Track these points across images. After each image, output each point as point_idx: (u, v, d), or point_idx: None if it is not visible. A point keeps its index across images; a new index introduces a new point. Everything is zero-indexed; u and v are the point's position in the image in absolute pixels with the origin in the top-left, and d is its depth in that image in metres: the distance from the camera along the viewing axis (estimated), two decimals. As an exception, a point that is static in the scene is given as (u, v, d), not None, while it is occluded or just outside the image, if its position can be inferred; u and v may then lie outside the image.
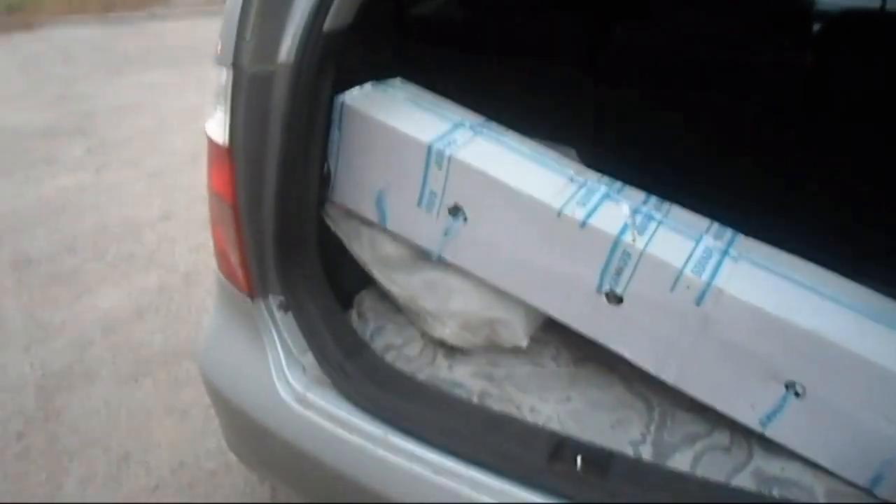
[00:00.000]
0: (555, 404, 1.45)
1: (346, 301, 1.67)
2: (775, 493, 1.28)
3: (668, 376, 1.37)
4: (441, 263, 1.53)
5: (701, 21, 1.72)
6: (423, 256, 1.55)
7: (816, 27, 1.80)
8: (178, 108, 5.18)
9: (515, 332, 1.51)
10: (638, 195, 1.46)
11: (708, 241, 1.34)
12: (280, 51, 1.27)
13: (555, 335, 1.58)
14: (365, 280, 1.64)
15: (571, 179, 1.41)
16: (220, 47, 1.30)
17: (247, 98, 1.28)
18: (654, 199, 1.46)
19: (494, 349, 1.56)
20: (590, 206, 1.35)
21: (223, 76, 1.30)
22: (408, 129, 1.45)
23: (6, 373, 2.61)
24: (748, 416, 1.33)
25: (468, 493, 1.16)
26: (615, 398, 1.48)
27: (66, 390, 2.49)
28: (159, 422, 2.34)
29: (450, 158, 1.40)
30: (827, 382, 1.23)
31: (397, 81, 1.65)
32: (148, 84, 5.91)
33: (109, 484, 2.13)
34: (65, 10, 8.58)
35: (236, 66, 1.26)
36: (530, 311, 1.50)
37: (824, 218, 1.57)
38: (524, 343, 1.53)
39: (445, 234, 1.47)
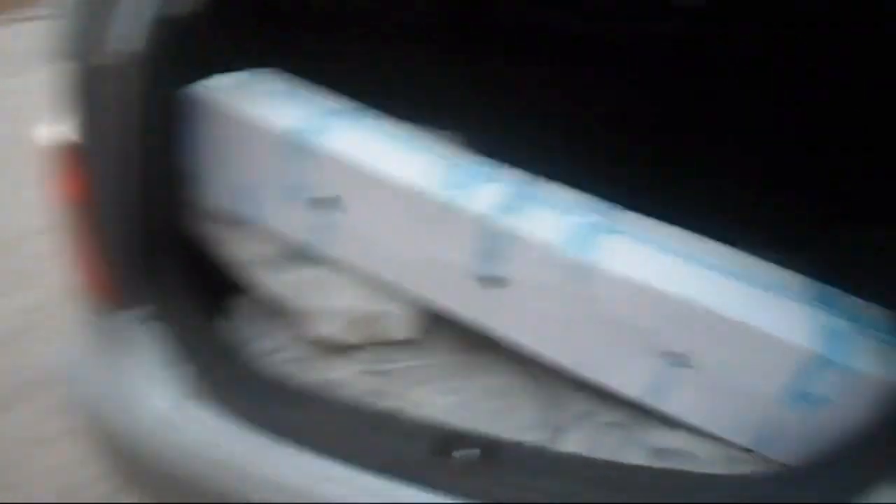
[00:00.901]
0: (444, 395, 1.41)
1: (218, 307, 1.58)
2: (668, 464, 1.28)
3: (554, 357, 1.35)
4: (318, 259, 1.46)
5: None
6: (298, 253, 1.48)
7: None
8: (36, 114, 4.86)
9: (401, 324, 1.46)
10: (515, 174, 1.43)
11: (585, 216, 1.33)
12: (122, 41, 1.17)
13: (446, 323, 1.53)
14: (239, 283, 1.55)
15: (444, 163, 1.37)
16: (58, 43, 1.19)
17: (90, 95, 1.18)
18: (530, 177, 1.43)
19: (383, 344, 1.51)
20: (464, 188, 1.31)
21: (66, 72, 1.19)
22: (270, 120, 1.37)
23: None
24: (636, 390, 1.32)
25: (355, 496, 1.12)
26: (507, 383, 1.45)
27: (-69, 426, 2.29)
28: (39, 450, 2.19)
29: (315, 148, 1.33)
30: (706, 350, 1.23)
31: (265, 72, 1.56)
32: (5, 89, 5.52)
33: (-16, 523, 1.97)
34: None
35: (79, 60, 1.16)
36: (415, 301, 1.45)
37: (699, 186, 1.59)
38: (412, 335, 1.48)
39: (318, 227, 1.40)
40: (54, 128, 1.24)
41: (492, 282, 1.32)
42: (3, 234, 3.39)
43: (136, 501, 1.51)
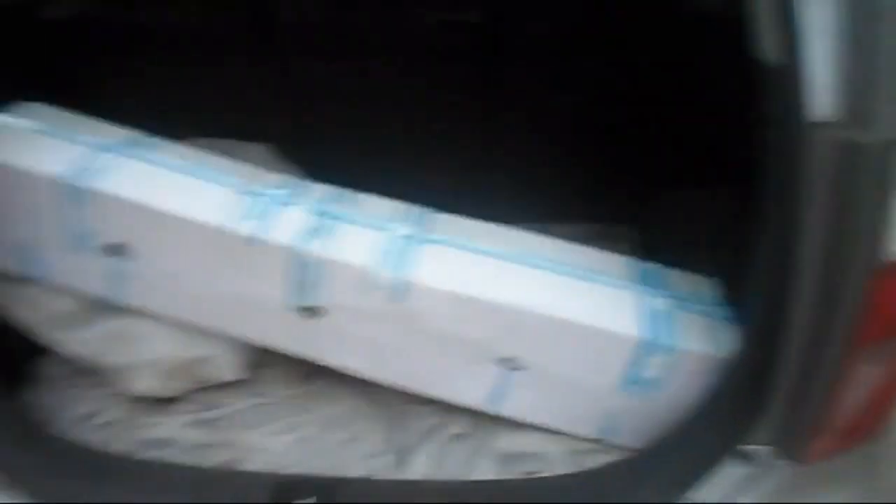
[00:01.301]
0: (282, 435, 1.32)
1: (18, 374, 1.40)
2: (519, 468, 1.25)
3: (389, 378, 1.29)
4: (122, 310, 1.32)
5: None
6: (99, 306, 1.33)
7: None
8: None
9: (224, 366, 1.35)
10: (320, 192, 1.33)
11: (394, 230, 1.25)
12: None
13: (278, 357, 1.43)
14: (37, 345, 1.38)
15: (239, 191, 1.25)
16: None
17: None
18: (337, 193, 1.34)
19: (209, 389, 1.39)
20: (262, 218, 1.20)
21: None
22: (41, 164, 1.21)
23: None
24: (476, 400, 1.28)
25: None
26: (348, 410, 1.37)
27: None
28: None
29: (88, 191, 1.18)
30: (538, 351, 1.21)
31: (30, 107, 1.38)
32: None
33: None
34: None
35: None
36: (237, 340, 1.34)
37: (519, 172, 1.56)
38: (239, 375, 1.37)
39: (112, 276, 1.26)
40: None
41: (311, 311, 1.22)
42: None
43: None
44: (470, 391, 1.27)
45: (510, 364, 1.22)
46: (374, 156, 1.44)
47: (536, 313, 1.16)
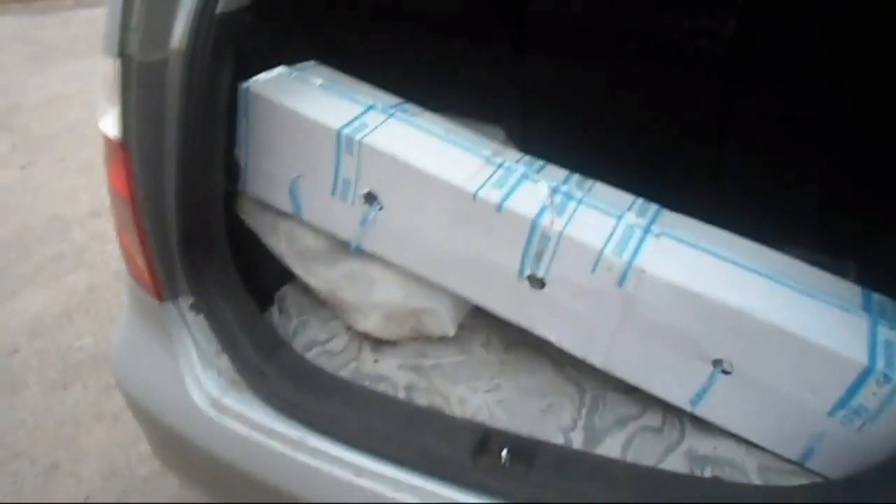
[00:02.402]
0: (484, 393, 1.41)
1: (267, 297, 1.60)
2: (708, 472, 1.26)
3: (596, 359, 1.34)
4: (361, 254, 1.47)
5: None
6: (342, 247, 1.48)
7: None
8: (109, 99, 4.95)
9: (442, 320, 1.47)
10: (559, 174, 1.42)
11: (630, 218, 1.31)
12: (171, 37, 1.18)
13: (484, 321, 1.53)
14: (287, 274, 1.57)
15: (488, 161, 1.36)
16: (106, 37, 1.21)
17: (138, 89, 1.19)
18: (576, 177, 1.42)
19: (423, 339, 1.52)
20: (506, 188, 1.30)
21: (111, 67, 1.21)
22: (317, 114, 1.37)
23: (-74, 387, 2.48)
24: (678, 396, 1.30)
25: (390, 494, 1.12)
26: (546, 383, 1.44)
27: (-12, 402, 2.38)
28: (89, 429, 2.25)
29: (360, 143, 1.33)
30: (754, 358, 1.21)
31: (310, 65, 1.57)
32: (77, 75, 5.65)
33: (38, 496, 2.04)
34: (-14, -1, 8.21)
35: (124, 55, 1.18)
36: (456, 298, 1.45)
37: (750, 188, 1.55)
38: (451, 332, 1.48)
39: (362, 222, 1.41)
40: (104, 121, 1.26)
41: (538, 282, 1.30)
42: (61, 217, 3.50)
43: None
44: (673, 386, 1.30)
45: (721, 366, 1.23)
46: (604, 155, 1.49)
47: (760, 320, 1.16)
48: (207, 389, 1.29)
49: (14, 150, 4.33)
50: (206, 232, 1.34)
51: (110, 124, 1.25)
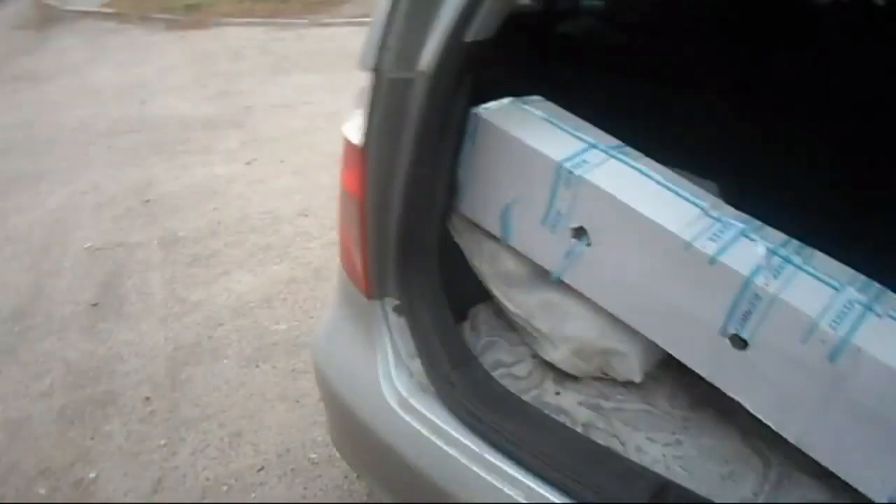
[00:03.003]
0: (663, 447, 1.38)
1: (461, 312, 1.67)
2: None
3: (791, 434, 1.27)
4: (560, 285, 1.49)
5: (879, 49, 1.59)
6: (542, 276, 1.52)
7: None
8: (327, 111, 5.42)
9: (630, 365, 1.46)
10: (777, 237, 1.37)
11: (850, 292, 1.23)
12: (420, 59, 1.28)
13: (672, 374, 1.51)
14: (483, 293, 1.63)
15: (706, 213, 1.34)
16: (363, 52, 1.34)
17: (384, 102, 1.30)
18: (795, 243, 1.36)
19: (606, 380, 1.51)
20: (722, 242, 1.27)
21: (364, 80, 1.34)
22: (539, 145, 1.43)
23: (144, 341, 2.81)
24: (875, 492, 1.20)
25: (559, 525, 1.13)
26: (730, 450, 1.38)
27: (193, 364, 2.65)
28: (273, 406, 2.44)
29: (579, 179, 1.37)
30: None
31: (537, 99, 1.63)
32: (303, 86, 6.21)
33: (219, 458, 2.24)
34: (237, 12, 9.22)
35: (377, 70, 1.30)
36: (648, 345, 1.43)
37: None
38: (638, 378, 1.47)
39: (567, 255, 1.43)
40: (350, 126, 1.39)
41: (738, 342, 1.27)
42: (275, 212, 3.83)
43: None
44: (874, 481, 1.20)
45: (934, 471, 1.13)
46: (828, 224, 1.41)
47: None
48: (398, 388, 1.36)
49: (243, 147, 4.82)
50: (420, 242, 1.43)
51: (354, 131, 1.37)
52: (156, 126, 5.27)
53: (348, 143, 1.40)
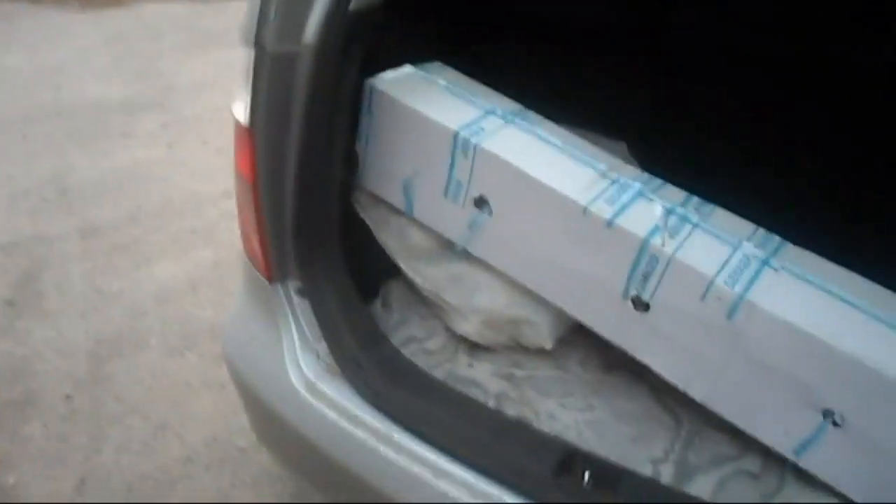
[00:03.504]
0: (575, 412, 1.38)
1: (373, 289, 1.64)
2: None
3: (696, 392, 1.28)
4: (468, 257, 1.47)
5: (771, 9, 1.59)
6: (449, 248, 1.49)
7: None
8: (252, 87, 5.20)
9: (541, 332, 1.44)
10: (677, 195, 1.36)
11: (747, 248, 1.24)
12: (305, 31, 1.23)
13: (583, 339, 1.50)
14: (395, 269, 1.60)
15: (603, 175, 1.32)
16: (244, 27, 1.28)
17: (269, 78, 1.25)
18: (695, 200, 1.36)
19: (519, 349, 1.50)
20: (619, 204, 1.26)
21: (247, 56, 1.27)
22: (436, 115, 1.39)
23: (63, 337, 2.70)
24: (781, 443, 1.22)
25: (466, 499, 1.11)
26: (642, 410, 1.39)
27: (115, 357, 2.56)
28: (199, 395, 2.38)
29: (476, 147, 1.33)
30: (869, 414, 1.11)
31: (435, 65, 1.59)
32: (226, 62, 5.96)
33: (144, 452, 2.17)
34: (156, -14, 8.84)
35: (259, 45, 1.24)
36: (558, 311, 1.42)
37: (888, 229, 1.43)
38: (549, 345, 1.46)
39: (471, 226, 1.41)
40: (236, 106, 1.33)
41: (640, 304, 1.26)
42: (198, 194, 3.71)
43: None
44: (777, 432, 1.22)
45: (832, 417, 1.15)
46: (731, 182, 1.42)
47: (880, 374, 1.07)
48: (305, 372, 1.33)
49: (164, 129, 4.64)
50: (319, 220, 1.38)
51: (241, 110, 1.31)
52: (73, 111, 5.03)
53: (237, 124, 1.35)
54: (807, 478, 1.22)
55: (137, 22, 7.56)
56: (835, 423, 1.15)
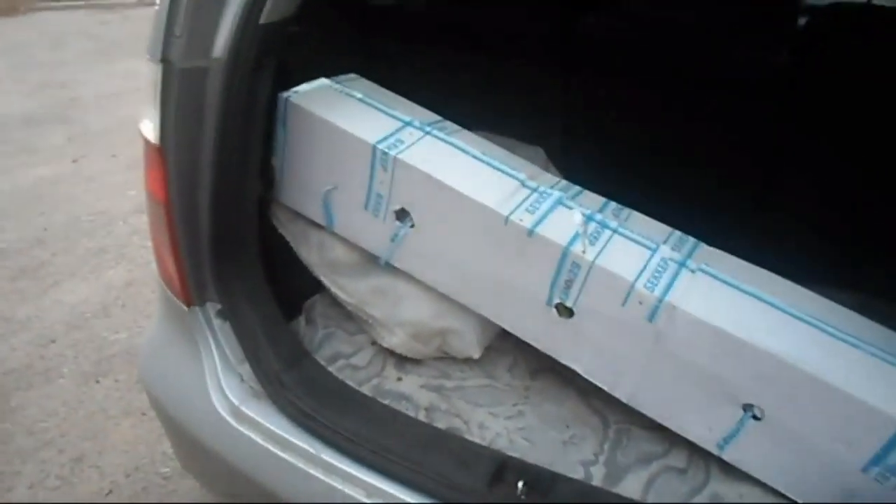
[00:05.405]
0: (505, 420, 1.38)
1: (296, 306, 1.60)
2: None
3: (622, 394, 1.30)
4: (391, 269, 1.45)
5: (675, 12, 1.64)
6: (373, 261, 1.47)
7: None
8: (162, 98, 5.05)
9: (467, 342, 1.44)
10: (596, 201, 1.39)
11: (665, 251, 1.27)
12: (214, 46, 1.19)
13: (511, 346, 1.51)
14: (318, 285, 1.57)
15: (523, 184, 1.33)
16: (151, 42, 1.22)
17: (178, 95, 1.20)
18: (612, 206, 1.38)
19: (447, 360, 1.50)
20: (539, 213, 1.27)
21: (154, 72, 1.22)
22: (353, 128, 1.37)
23: (-35, 370, 2.54)
24: (705, 438, 1.26)
25: (401, 516, 1.10)
26: (570, 413, 1.41)
27: (24, 389, 2.43)
28: (117, 423, 2.28)
29: (394, 160, 1.32)
30: (786, 406, 1.16)
31: (351, 78, 1.57)
32: (133, 72, 5.80)
33: (61, 487, 2.07)
34: (55, -5, 8.49)
35: (166, 61, 1.19)
36: (484, 320, 1.43)
37: (798, 227, 1.49)
38: (477, 354, 1.46)
39: (393, 238, 1.39)
40: (144, 125, 1.28)
41: (564, 311, 1.27)
42: (107, 212, 3.57)
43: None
44: (701, 428, 1.25)
45: (752, 411, 1.19)
46: (645, 183, 1.45)
47: (795, 367, 1.11)
48: (229, 397, 1.29)
49: (70, 143, 4.45)
50: (237, 239, 1.34)
51: (150, 128, 1.26)
52: (-32, 128, 4.77)
53: (146, 143, 1.29)
54: (731, 470, 1.26)
55: (37, 31, 7.24)
56: (755, 417, 1.19)
